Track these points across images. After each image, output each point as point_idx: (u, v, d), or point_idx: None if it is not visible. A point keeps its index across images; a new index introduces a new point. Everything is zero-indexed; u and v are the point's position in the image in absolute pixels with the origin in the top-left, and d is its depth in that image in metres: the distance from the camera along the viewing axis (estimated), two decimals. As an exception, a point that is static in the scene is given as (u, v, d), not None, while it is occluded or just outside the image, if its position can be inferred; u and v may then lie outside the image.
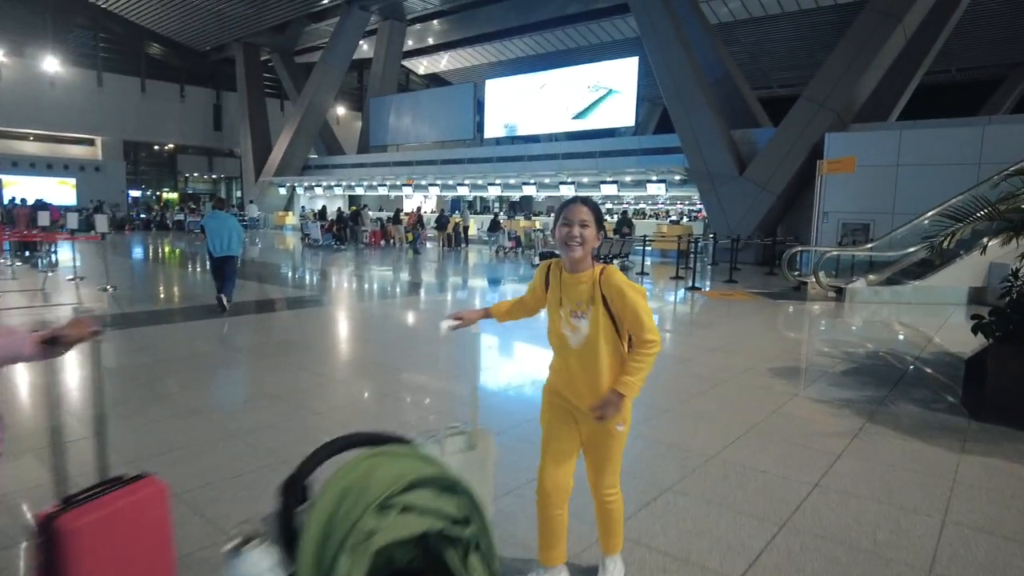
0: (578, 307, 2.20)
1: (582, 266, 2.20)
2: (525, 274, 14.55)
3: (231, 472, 3.38)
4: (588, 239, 2.15)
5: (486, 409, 4.50)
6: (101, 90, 35.09)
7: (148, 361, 5.82)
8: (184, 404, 4.54)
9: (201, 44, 35.74)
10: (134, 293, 10.30)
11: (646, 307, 2.15)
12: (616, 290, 2.13)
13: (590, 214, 2.18)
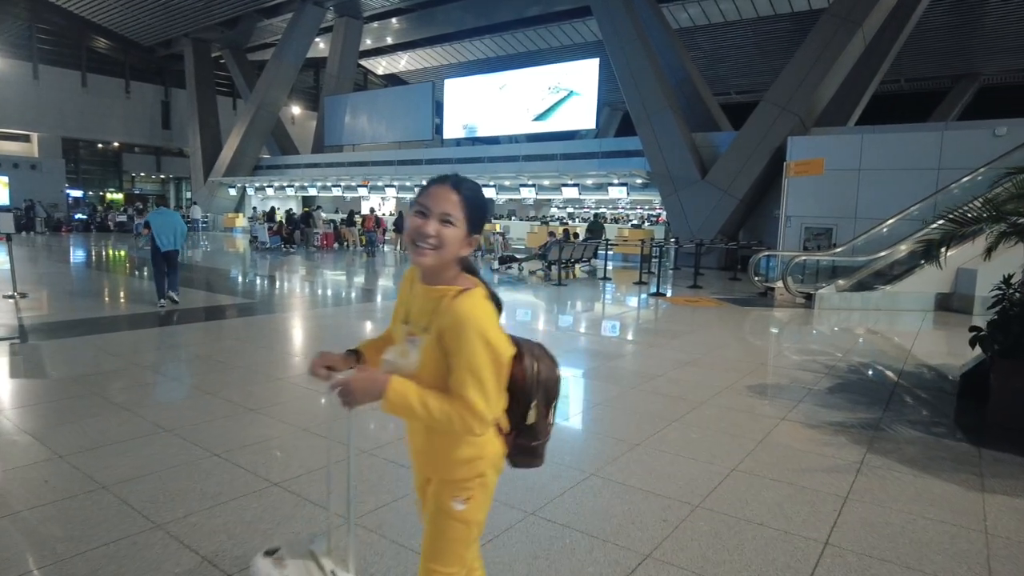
0: (415, 328, 1.58)
1: (441, 277, 1.56)
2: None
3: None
4: (447, 242, 1.50)
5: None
6: (37, 83, 33.14)
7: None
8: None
9: (148, 39, 34.08)
10: (49, 302, 9.28)
11: (488, 374, 1.46)
12: (456, 330, 1.46)
13: (459, 206, 1.50)
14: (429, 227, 1.48)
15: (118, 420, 4.20)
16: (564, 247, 14.25)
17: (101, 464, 3.49)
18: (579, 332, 8.28)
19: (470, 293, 1.51)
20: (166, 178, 40.90)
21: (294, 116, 40.13)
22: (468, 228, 1.52)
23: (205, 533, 2.76)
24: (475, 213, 1.53)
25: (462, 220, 1.50)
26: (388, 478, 3.37)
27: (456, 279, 1.56)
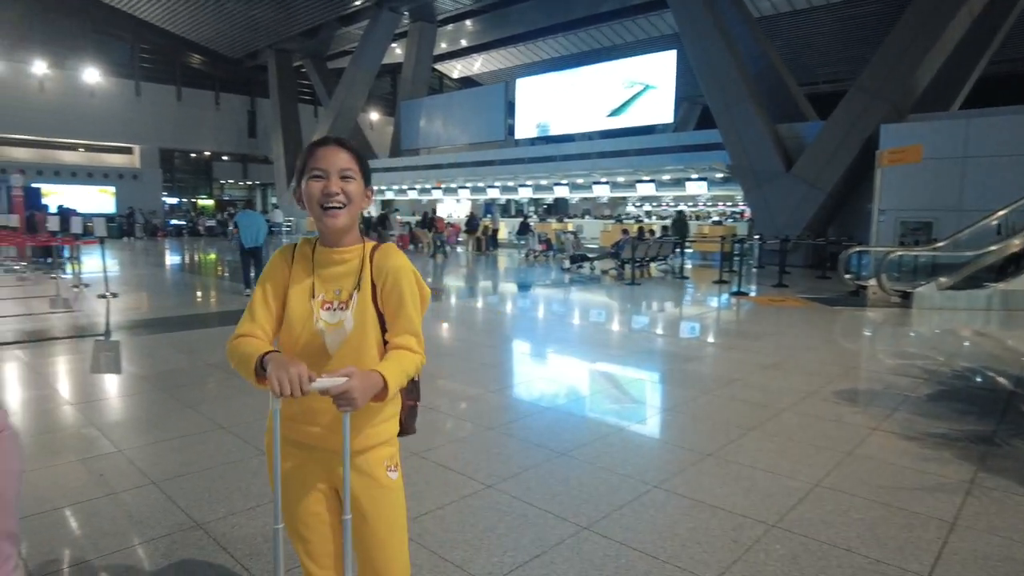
0: (336, 296, 1.54)
1: (347, 238, 1.57)
2: (555, 278, 13.64)
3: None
4: (354, 197, 1.52)
5: (529, 429, 3.63)
6: (139, 99, 35.44)
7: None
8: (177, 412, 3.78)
9: (235, 51, 35.85)
10: (138, 301, 9.73)
11: (420, 307, 1.59)
12: (395, 273, 1.54)
13: (352, 161, 1.52)
14: (333, 185, 1.48)
15: (179, 416, 4.23)
16: (638, 245, 13.80)
17: (155, 459, 3.48)
18: (649, 333, 7.90)
19: (388, 245, 1.61)
20: (252, 184, 42.79)
21: (372, 122, 41.15)
22: (364, 182, 1.55)
23: (242, 535, 2.66)
24: (365, 165, 1.56)
25: (358, 173, 1.53)
26: (436, 483, 3.19)
27: (359, 237, 1.60)
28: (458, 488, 3.13)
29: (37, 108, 31.94)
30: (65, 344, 6.50)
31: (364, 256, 1.56)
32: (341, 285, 1.54)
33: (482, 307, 9.96)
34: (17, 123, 31.46)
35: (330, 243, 1.56)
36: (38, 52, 31.99)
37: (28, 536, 2.62)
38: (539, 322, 8.67)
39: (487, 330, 7.86)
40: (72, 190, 31.94)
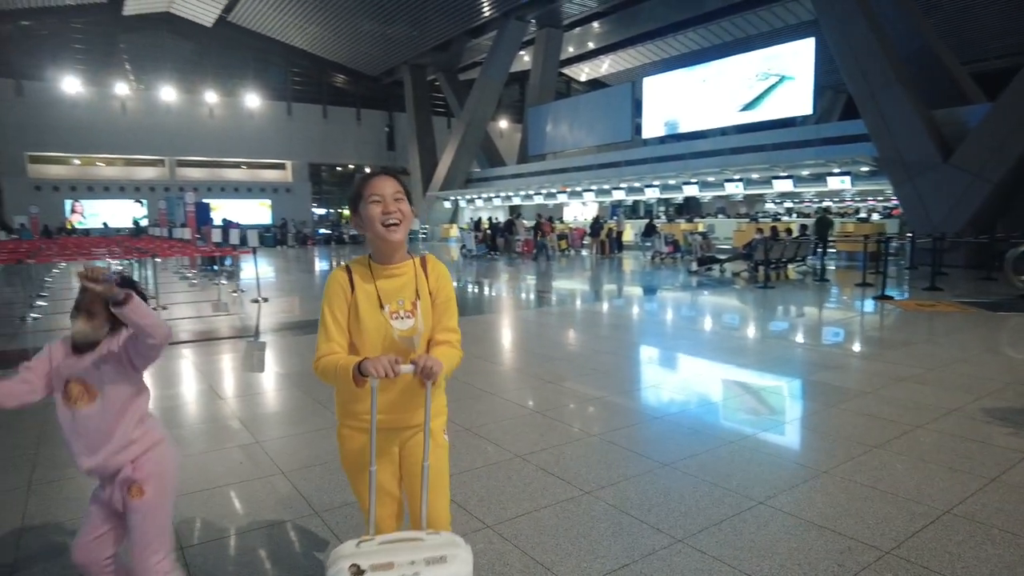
0: (400, 306, 1.81)
1: (400, 254, 1.84)
2: (680, 281, 13.28)
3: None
4: (407, 216, 1.80)
5: (649, 434, 3.65)
6: (290, 119, 38.80)
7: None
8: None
9: (374, 69, 38.26)
10: (286, 306, 10.67)
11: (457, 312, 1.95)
12: (444, 280, 1.90)
13: (399, 185, 1.81)
14: (391, 206, 1.75)
15: (312, 412, 4.62)
16: (772, 246, 13.10)
17: (287, 452, 3.84)
18: (773, 340, 7.49)
19: (431, 256, 1.91)
20: (392, 194, 45.29)
21: (502, 130, 42.20)
22: (409, 202, 1.82)
23: (353, 524, 2.87)
24: (408, 191, 1.84)
25: (405, 196, 1.80)
26: (535, 486, 3.26)
27: (407, 253, 1.87)
28: (555, 492, 3.18)
29: (207, 132, 35.96)
30: (221, 344, 7.29)
31: (417, 268, 1.85)
32: (403, 296, 1.81)
33: (596, 312, 9.90)
34: (192, 146, 35.56)
35: (386, 260, 1.82)
36: (209, 83, 36.01)
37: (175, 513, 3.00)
38: (656, 328, 8.49)
39: (600, 335, 7.82)
40: (235, 204, 35.57)
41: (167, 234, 19.51)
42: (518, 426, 4.21)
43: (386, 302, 1.79)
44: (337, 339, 1.78)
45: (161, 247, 14.87)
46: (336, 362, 1.71)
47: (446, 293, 1.87)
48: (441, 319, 1.86)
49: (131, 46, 34.49)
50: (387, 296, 1.80)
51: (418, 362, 1.66)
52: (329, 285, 1.81)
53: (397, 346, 1.79)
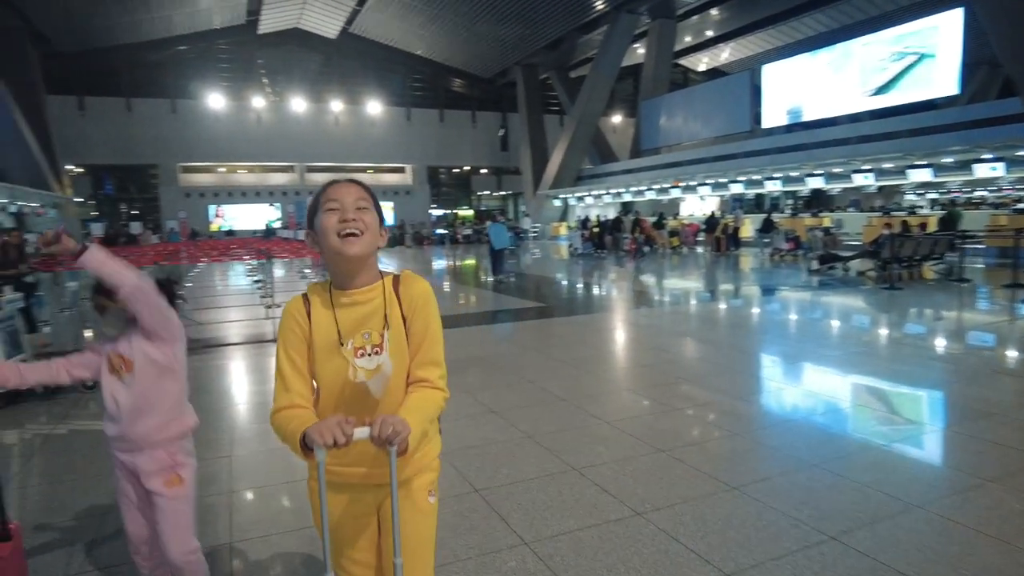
0: (366, 340, 1.48)
1: (365, 275, 1.50)
2: (798, 281, 12.38)
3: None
4: (370, 227, 1.47)
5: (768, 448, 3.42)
6: (410, 124, 40.32)
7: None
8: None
9: (488, 71, 38.91)
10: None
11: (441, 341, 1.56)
12: (422, 302, 1.52)
13: (364, 192, 1.50)
14: (350, 214, 1.44)
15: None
16: (902, 242, 11.89)
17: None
18: (889, 350, 6.74)
19: (408, 273, 1.56)
20: (506, 195, 45.88)
21: (614, 125, 41.54)
22: (377, 214, 1.51)
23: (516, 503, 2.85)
24: (377, 202, 1.53)
25: (371, 205, 1.50)
26: (585, 503, 3.09)
27: (378, 273, 1.54)
28: (605, 511, 2.99)
29: (333, 139, 38.18)
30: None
31: (386, 291, 1.51)
32: (369, 327, 1.48)
33: (696, 315, 9.40)
34: (319, 153, 37.86)
35: (347, 283, 1.49)
36: (334, 93, 38.22)
37: (229, 512, 3.13)
38: (757, 333, 7.92)
39: (695, 341, 7.39)
40: (360, 207, 37.44)
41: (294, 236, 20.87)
42: (583, 437, 4.04)
43: (348, 336, 1.47)
44: (297, 388, 1.47)
45: (284, 248, 15.88)
46: (286, 425, 1.41)
47: (424, 317, 1.50)
48: (417, 349, 1.50)
49: (266, 61, 37.30)
50: (349, 329, 1.47)
51: (374, 426, 1.29)
52: (282, 320, 1.51)
53: (354, 393, 1.48)
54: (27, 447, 4.23)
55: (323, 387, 1.50)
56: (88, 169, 33.92)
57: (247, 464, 3.82)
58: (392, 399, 1.49)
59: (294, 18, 35.31)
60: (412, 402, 1.46)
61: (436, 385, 1.50)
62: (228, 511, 3.16)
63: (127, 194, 35.79)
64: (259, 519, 3.08)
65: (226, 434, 4.34)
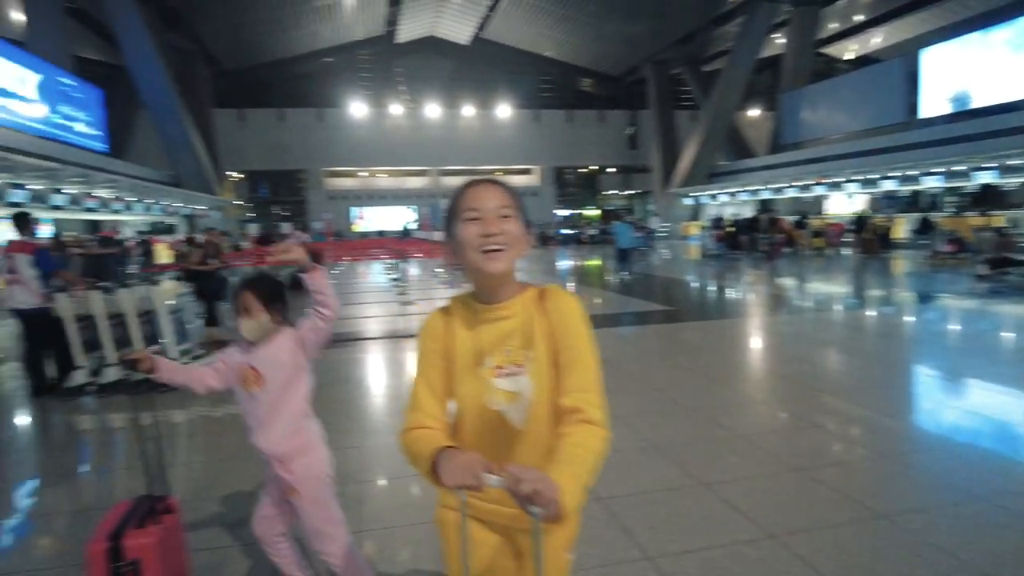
0: (506, 357, 1.32)
1: (506, 289, 1.36)
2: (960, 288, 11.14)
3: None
4: (514, 239, 1.32)
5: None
6: (538, 125, 40.74)
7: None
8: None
9: (616, 69, 38.49)
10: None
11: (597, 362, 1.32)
12: (572, 320, 1.33)
13: (508, 198, 1.33)
14: (493, 225, 1.29)
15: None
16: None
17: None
18: (1091, 364, 5.85)
19: (554, 286, 1.38)
20: (633, 194, 45.10)
21: (751, 119, 39.58)
22: (522, 219, 1.35)
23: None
24: (521, 203, 1.36)
25: (515, 211, 1.33)
26: (714, 520, 2.93)
27: (520, 286, 1.38)
28: (735, 531, 2.82)
29: (465, 143, 39.40)
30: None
31: (530, 304, 1.35)
32: (510, 344, 1.33)
33: (841, 322, 8.67)
34: (452, 156, 39.20)
35: (489, 297, 1.36)
36: (466, 97, 39.43)
37: (358, 501, 3.28)
38: (913, 344, 7.17)
39: (839, 350, 6.82)
40: (487, 208, 38.37)
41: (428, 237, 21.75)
42: (712, 449, 3.85)
43: (488, 354, 1.33)
44: (427, 408, 1.35)
45: (418, 248, 16.58)
46: (412, 446, 1.29)
47: (575, 337, 1.31)
48: (568, 373, 1.29)
49: (404, 69, 39.23)
50: (490, 346, 1.33)
51: (510, 478, 1.05)
52: (420, 334, 1.41)
53: (491, 417, 1.32)
54: (188, 427, 4.70)
55: (463, 411, 1.37)
56: (245, 174, 37.39)
57: (376, 455, 4.00)
58: (536, 431, 1.32)
59: (429, 26, 36.81)
60: (566, 450, 1.19)
61: (591, 418, 1.25)
62: (357, 501, 3.31)
63: (278, 197, 39.10)
64: (386, 510, 3.21)
65: (357, 423, 4.58)
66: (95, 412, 5.27)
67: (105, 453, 4.48)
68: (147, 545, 1.89)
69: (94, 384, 5.56)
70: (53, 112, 20.12)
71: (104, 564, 1.84)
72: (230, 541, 2.92)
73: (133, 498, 2.11)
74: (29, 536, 3.16)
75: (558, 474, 1.11)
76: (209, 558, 2.76)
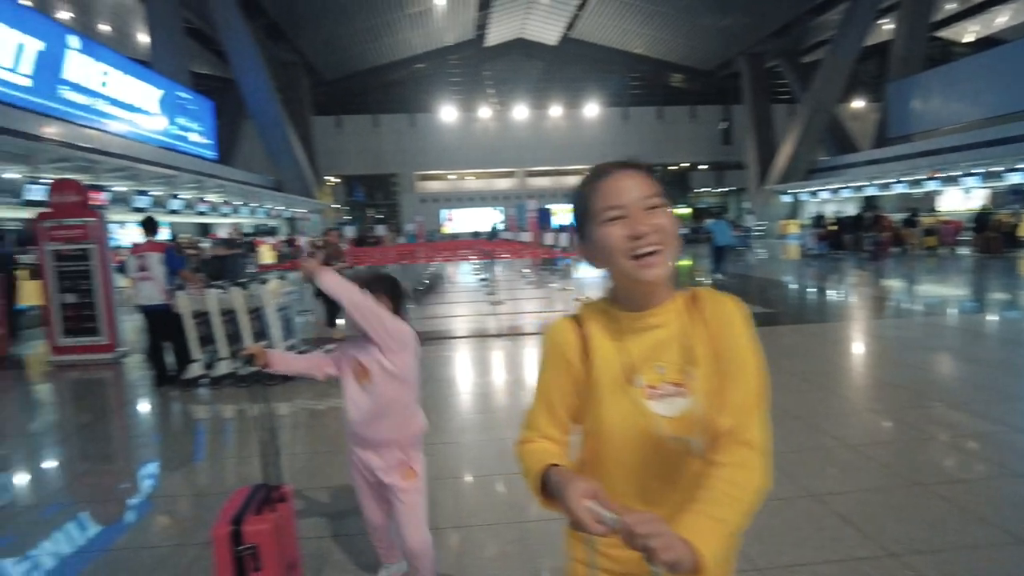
0: (660, 374, 1.09)
1: (659, 293, 1.12)
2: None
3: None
4: (668, 234, 1.06)
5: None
6: (626, 123, 40.20)
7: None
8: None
9: (709, 64, 37.39)
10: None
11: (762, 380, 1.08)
12: (732, 324, 1.09)
13: (652, 183, 1.09)
14: (642, 223, 1.05)
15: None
16: None
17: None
18: None
19: (708, 289, 1.14)
20: (726, 191, 43.67)
21: (854, 111, 37.44)
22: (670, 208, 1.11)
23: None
24: (663, 188, 1.11)
25: (663, 198, 1.10)
26: (826, 534, 2.76)
27: (672, 289, 1.14)
28: (849, 546, 2.65)
29: (551, 144, 39.47)
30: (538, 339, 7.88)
31: (683, 311, 1.13)
32: (663, 359, 1.10)
33: (959, 328, 8.00)
34: (538, 157, 39.36)
35: (638, 304, 1.12)
36: (554, 98, 39.45)
37: (454, 497, 3.31)
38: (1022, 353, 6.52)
39: (959, 358, 6.29)
40: (575, 208, 38.25)
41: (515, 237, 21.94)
42: (820, 459, 3.63)
43: (637, 371, 1.10)
44: (543, 426, 1.16)
45: (506, 248, 16.72)
46: (526, 463, 1.12)
47: (737, 345, 1.09)
48: (723, 389, 1.07)
49: (492, 72, 39.72)
50: (640, 361, 1.10)
51: (623, 529, 0.87)
52: (544, 346, 1.20)
53: (663, 451, 1.08)
54: (295, 419, 4.92)
55: (605, 438, 1.12)
56: (342, 179, 38.99)
57: (471, 451, 4.05)
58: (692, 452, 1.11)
59: (517, 29, 37.08)
60: (714, 487, 0.98)
61: (751, 440, 1.04)
62: (453, 495, 3.36)
63: (373, 200, 40.57)
64: (480, 506, 3.24)
65: (453, 421, 4.65)
66: (208, 402, 5.62)
67: (217, 441, 4.76)
68: (264, 531, 1.98)
69: (207, 376, 5.93)
70: (171, 124, 21.74)
71: (227, 547, 1.94)
72: (335, 531, 3.02)
73: (251, 485, 2.22)
74: (151, 515, 3.41)
75: (693, 522, 0.93)
76: (316, 546, 2.88)
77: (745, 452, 1.03)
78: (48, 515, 3.39)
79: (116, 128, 18.02)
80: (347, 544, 2.88)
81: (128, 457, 4.46)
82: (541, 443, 1.15)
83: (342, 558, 2.78)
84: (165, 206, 17.52)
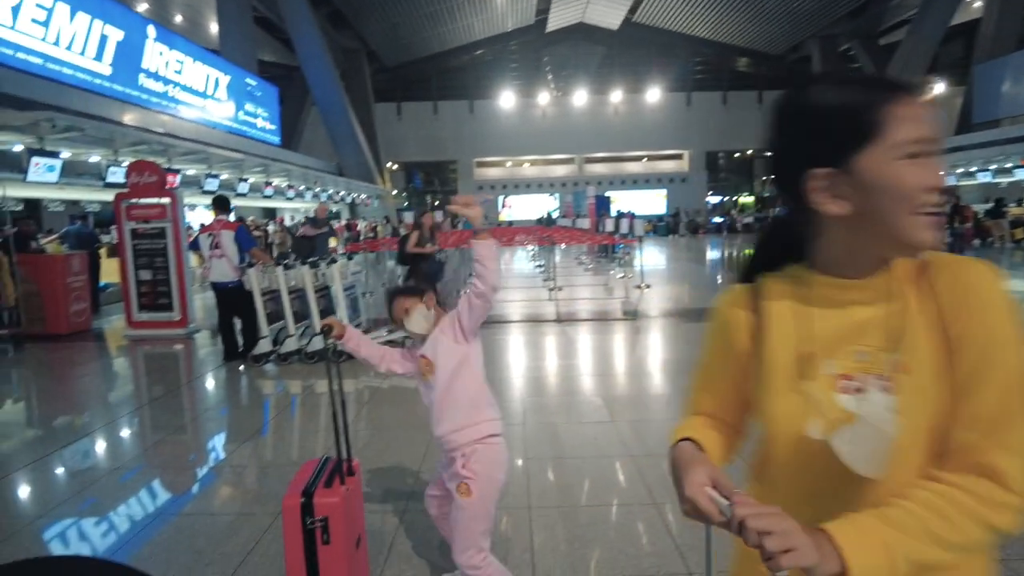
0: (861, 361, 0.81)
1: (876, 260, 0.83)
2: None
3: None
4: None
5: None
6: (689, 109, 39.20)
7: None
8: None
9: (777, 48, 36.05)
10: (666, 293, 10.82)
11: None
12: (977, 302, 0.76)
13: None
14: (940, 176, 0.78)
15: (671, 400, 4.54)
16: None
17: (640, 435, 3.83)
18: None
19: (948, 256, 0.81)
20: (794, 179, 42.12)
21: (936, 96, 35.44)
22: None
23: (691, 528, 2.69)
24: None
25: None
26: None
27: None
28: None
29: (611, 129, 38.84)
30: (601, 324, 7.75)
31: (904, 283, 0.83)
32: (866, 342, 0.83)
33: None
34: (597, 143, 38.84)
35: (845, 268, 0.85)
36: (615, 83, 38.76)
37: (527, 477, 3.25)
38: None
39: None
40: (634, 195, 37.61)
41: (571, 224, 21.73)
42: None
43: (827, 356, 0.84)
44: (698, 403, 1.02)
45: (563, 235, 16.55)
46: (674, 444, 0.92)
47: (983, 332, 0.76)
48: (969, 397, 0.76)
49: (552, 58, 39.32)
50: (833, 341, 0.85)
51: (742, 519, 0.69)
52: (713, 320, 1.00)
53: (823, 461, 0.80)
54: (359, 397, 4.96)
55: (774, 438, 0.88)
56: (401, 165, 39.45)
57: (539, 434, 3.98)
58: (903, 484, 0.77)
59: (579, 13, 36.56)
60: (913, 506, 0.73)
61: (995, 466, 0.73)
62: (526, 476, 3.30)
63: (431, 187, 40.92)
64: (551, 487, 3.17)
65: (519, 404, 4.60)
66: (275, 378, 5.74)
67: (283, 415, 4.85)
68: (334, 504, 1.95)
69: (275, 352, 6.05)
70: (239, 110, 22.40)
71: (298, 518, 1.92)
72: (401, 508, 3.00)
73: (320, 458, 2.19)
74: (221, 484, 3.47)
75: (858, 524, 0.71)
76: (380, 521, 2.86)
77: (986, 486, 0.73)
78: (126, 480, 3.50)
79: (188, 114, 18.70)
80: (412, 522, 2.86)
81: (199, 428, 4.59)
82: (691, 419, 1.00)
83: (405, 536, 2.76)
84: (233, 189, 18.08)
